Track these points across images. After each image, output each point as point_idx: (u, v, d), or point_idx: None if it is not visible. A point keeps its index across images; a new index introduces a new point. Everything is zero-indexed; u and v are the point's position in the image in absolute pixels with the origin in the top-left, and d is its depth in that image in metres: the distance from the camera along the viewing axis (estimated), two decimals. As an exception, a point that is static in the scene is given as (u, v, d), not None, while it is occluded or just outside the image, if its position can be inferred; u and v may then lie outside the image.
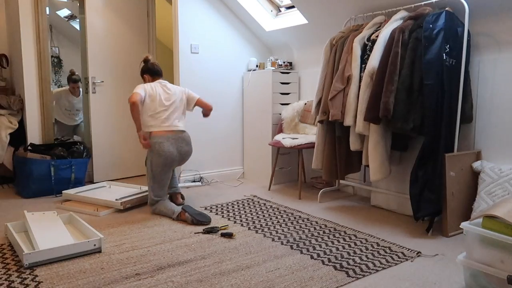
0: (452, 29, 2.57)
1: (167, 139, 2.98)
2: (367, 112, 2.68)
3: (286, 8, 4.12)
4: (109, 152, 4.19)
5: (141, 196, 3.32)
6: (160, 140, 2.96)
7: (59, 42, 6.71)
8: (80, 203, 3.24)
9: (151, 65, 3.20)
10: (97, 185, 3.74)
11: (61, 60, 6.72)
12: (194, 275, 2.02)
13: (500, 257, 1.72)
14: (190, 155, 3.17)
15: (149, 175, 3.03)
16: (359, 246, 2.41)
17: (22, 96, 3.87)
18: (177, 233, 2.62)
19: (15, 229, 2.52)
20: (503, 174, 2.51)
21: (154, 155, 2.97)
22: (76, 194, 3.37)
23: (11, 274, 2.01)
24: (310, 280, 1.96)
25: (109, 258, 2.22)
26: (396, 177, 3.07)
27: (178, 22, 3.84)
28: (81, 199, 3.30)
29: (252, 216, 2.99)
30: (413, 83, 2.55)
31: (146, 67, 3.20)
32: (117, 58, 4.18)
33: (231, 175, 4.33)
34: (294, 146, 3.46)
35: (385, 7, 3.03)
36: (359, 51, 2.86)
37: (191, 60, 3.96)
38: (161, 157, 2.95)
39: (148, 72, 3.19)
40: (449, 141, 2.62)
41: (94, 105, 4.06)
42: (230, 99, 4.27)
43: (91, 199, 3.24)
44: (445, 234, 2.57)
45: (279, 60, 4.10)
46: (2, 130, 3.70)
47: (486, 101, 2.72)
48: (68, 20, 6.36)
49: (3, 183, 3.98)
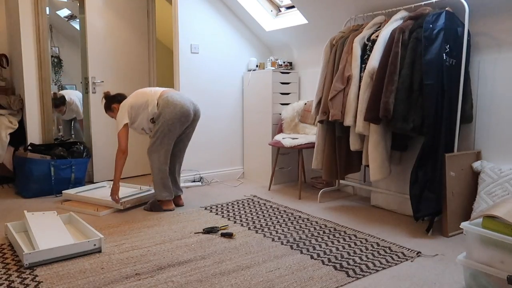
0: (452, 29, 2.57)
1: (180, 96, 3.02)
2: (367, 112, 2.68)
3: (286, 8, 4.12)
4: (109, 152, 4.19)
5: (141, 196, 3.32)
6: (174, 97, 2.98)
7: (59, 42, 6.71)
8: (80, 203, 3.25)
9: (113, 95, 3.22)
10: (97, 185, 3.75)
11: (61, 60, 6.71)
12: (194, 275, 2.02)
13: (500, 257, 1.72)
14: (199, 117, 3.18)
15: (157, 140, 3.00)
16: (359, 246, 2.41)
17: (22, 96, 3.87)
18: (177, 233, 2.62)
19: (15, 229, 2.52)
20: (503, 174, 2.51)
21: (169, 108, 2.93)
22: (76, 194, 3.37)
23: (11, 274, 2.01)
24: (310, 280, 1.96)
25: (109, 258, 2.22)
26: (396, 177, 3.07)
27: (178, 22, 3.84)
28: (81, 199, 3.31)
29: (252, 216, 2.99)
30: (413, 83, 2.55)
31: (110, 98, 3.22)
32: (117, 58, 4.18)
33: (231, 175, 4.33)
34: (294, 146, 3.46)
35: (385, 7, 3.03)
36: (359, 51, 2.86)
37: (191, 60, 3.96)
38: (176, 108, 2.93)
39: (114, 100, 3.20)
40: (449, 141, 2.62)
41: (94, 105, 4.06)
42: (230, 99, 4.27)
43: (91, 199, 3.24)
44: (445, 234, 2.57)
45: (279, 60, 4.10)
46: (2, 130, 3.70)
47: (486, 101, 2.72)
48: (68, 20, 6.36)
49: (3, 183, 3.98)
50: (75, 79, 6.79)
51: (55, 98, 4.97)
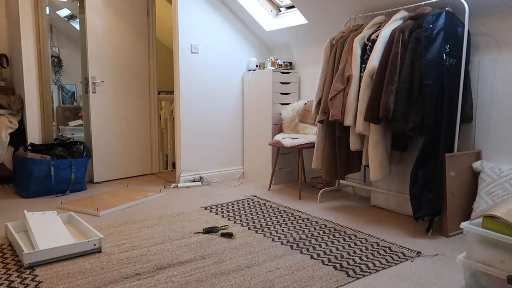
0: (452, 29, 2.57)
1: None
2: (367, 112, 2.68)
3: (286, 8, 4.12)
4: (109, 152, 4.20)
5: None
6: None
7: (59, 42, 6.72)
8: (80, 203, 3.25)
9: None
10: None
11: (61, 60, 6.73)
12: (194, 275, 2.02)
13: (500, 257, 1.72)
14: None
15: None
16: (359, 246, 2.41)
17: (22, 96, 3.87)
18: (177, 233, 2.62)
19: (15, 229, 2.52)
20: (503, 174, 2.51)
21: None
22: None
23: (11, 274, 2.01)
24: (310, 280, 1.96)
25: (109, 258, 2.22)
26: (396, 177, 3.07)
27: (178, 22, 3.84)
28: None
29: (252, 216, 2.99)
30: (413, 83, 2.55)
31: None
32: (117, 58, 4.18)
33: (231, 175, 4.33)
34: (294, 146, 3.46)
35: (385, 7, 3.04)
36: (359, 51, 2.86)
37: (191, 60, 3.96)
38: None
39: None
40: (449, 141, 2.62)
41: (94, 105, 4.06)
42: (230, 99, 4.27)
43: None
44: (445, 234, 2.57)
45: (279, 60, 4.10)
46: (2, 130, 3.70)
47: (486, 101, 2.72)
48: (68, 20, 6.36)
49: (3, 183, 3.98)
50: (75, 79, 6.80)
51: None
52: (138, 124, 4.42)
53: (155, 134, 4.58)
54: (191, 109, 3.99)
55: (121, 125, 4.26)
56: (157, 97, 4.56)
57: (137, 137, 4.43)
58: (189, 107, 3.98)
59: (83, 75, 4.21)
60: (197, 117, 4.04)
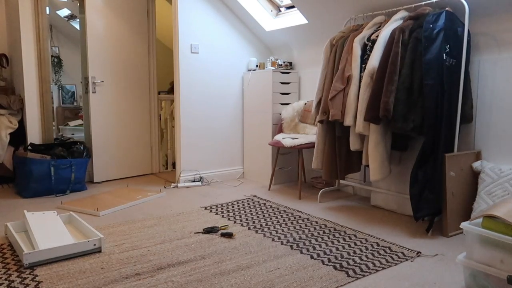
0: (452, 29, 2.57)
1: None
2: (367, 112, 2.68)
3: (286, 8, 4.12)
4: (109, 152, 4.19)
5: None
6: None
7: (59, 42, 6.72)
8: (80, 203, 3.25)
9: None
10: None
11: (61, 60, 6.73)
12: (194, 275, 2.02)
13: (500, 257, 1.72)
14: None
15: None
16: (359, 246, 2.41)
17: (22, 96, 3.87)
18: (177, 233, 2.62)
19: (15, 229, 2.52)
20: (503, 174, 2.51)
21: None
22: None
23: (11, 274, 2.01)
24: (310, 280, 1.96)
25: (109, 258, 2.22)
26: (396, 177, 3.07)
27: (178, 22, 3.84)
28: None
29: (252, 216, 2.99)
30: (413, 83, 2.55)
31: None
32: (117, 58, 4.18)
33: (231, 175, 4.33)
34: (294, 146, 3.46)
35: (385, 7, 3.04)
36: (359, 51, 2.86)
37: (191, 60, 3.96)
38: None
39: None
40: (449, 141, 2.62)
41: (94, 105, 4.06)
42: (230, 99, 4.27)
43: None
44: (445, 234, 2.57)
45: (279, 60, 4.10)
46: (2, 130, 3.70)
47: (486, 101, 2.72)
48: (68, 20, 6.36)
49: (3, 183, 3.98)
50: (75, 79, 6.81)
51: None
52: (138, 124, 4.42)
53: (155, 134, 4.58)
54: (191, 109, 3.99)
55: (121, 125, 4.26)
56: (157, 97, 4.56)
57: (137, 137, 4.43)
58: (189, 107, 3.98)
59: (83, 75, 4.21)
60: (197, 117, 4.04)
